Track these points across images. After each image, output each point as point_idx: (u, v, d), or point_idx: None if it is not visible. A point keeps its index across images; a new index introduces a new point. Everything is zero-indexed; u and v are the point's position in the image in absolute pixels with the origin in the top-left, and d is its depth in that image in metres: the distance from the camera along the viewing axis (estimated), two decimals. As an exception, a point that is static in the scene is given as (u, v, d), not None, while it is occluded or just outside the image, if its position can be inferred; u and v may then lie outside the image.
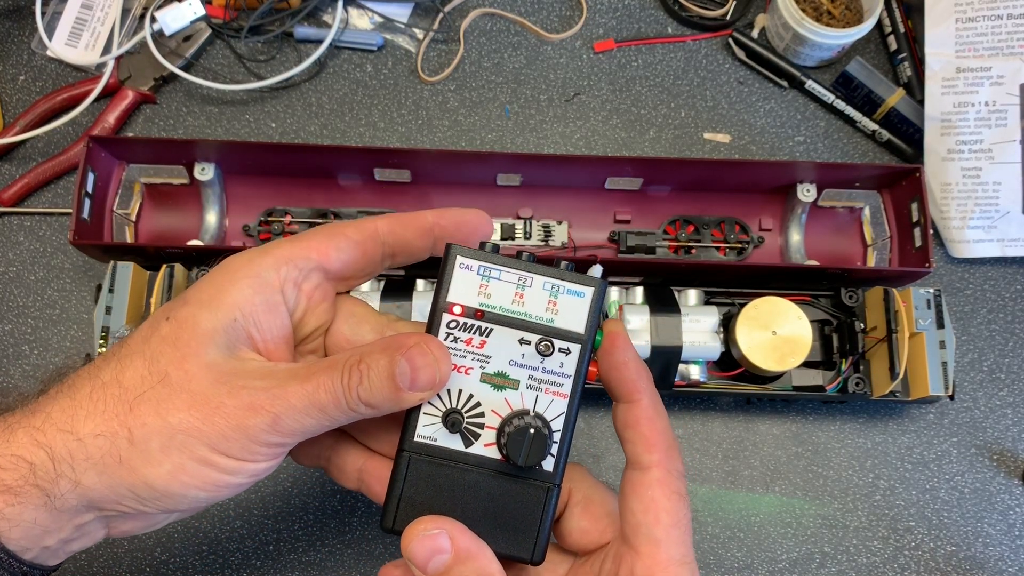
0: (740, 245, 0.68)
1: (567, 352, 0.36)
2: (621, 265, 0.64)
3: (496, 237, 0.68)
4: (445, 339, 0.36)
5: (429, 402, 0.36)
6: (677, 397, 0.67)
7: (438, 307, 0.36)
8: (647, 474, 0.35)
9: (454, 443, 0.36)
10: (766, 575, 0.64)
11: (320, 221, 0.67)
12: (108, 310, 0.59)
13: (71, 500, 0.34)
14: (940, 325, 0.61)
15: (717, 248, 0.68)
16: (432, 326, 0.36)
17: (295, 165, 0.67)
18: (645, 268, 0.65)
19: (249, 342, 0.36)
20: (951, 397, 0.61)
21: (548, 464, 0.36)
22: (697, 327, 0.59)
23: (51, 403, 0.35)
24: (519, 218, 0.69)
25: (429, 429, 0.36)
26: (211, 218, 0.67)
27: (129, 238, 0.66)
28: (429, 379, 0.34)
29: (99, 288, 0.60)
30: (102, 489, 0.34)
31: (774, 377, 0.63)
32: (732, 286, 0.64)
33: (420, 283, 0.61)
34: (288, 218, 0.67)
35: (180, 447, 0.33)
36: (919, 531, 0.65)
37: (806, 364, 0.62)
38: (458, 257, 0.36)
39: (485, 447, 0.36)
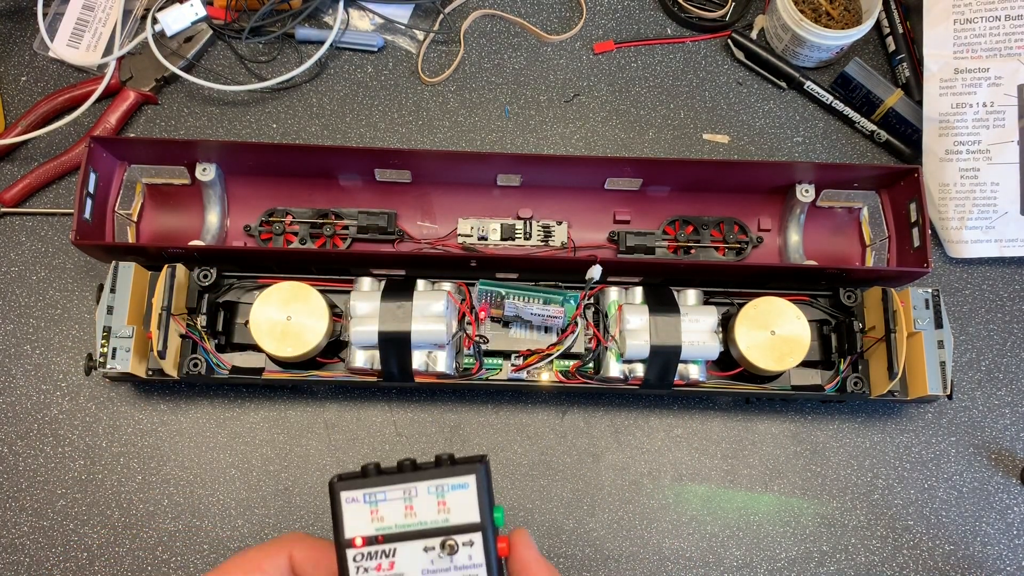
0: (739, 245, 0.69)
1: (471, 544, 0.38)
2: (621, 265, 0.64)
3: (496, 237, 0.68)
4: (355, 572, 0.37)
5: None
6: (676, 397, 0.67)
7: (340, 546, 0.37)
8: None
9: None
10: (765, 574, 0.64)
11: (321, 222, 0.67)
12: (110, 310, 0.59)
13: None
14: (938, 325, 0.62)
15: (716, 248, 0.69)
16: (341, 564, 0.37)
17: (296, 166, 0.67)
18: (644, 268, 0.65)
19: None
20: (949, 397, 0.61)
21: None
22: (696, 327, 0.60)
23: None
24: (519, 218, 0.69)
25: None
26: (212, 218, 0.67)
27: (131, 238, 0.66)
28: None
29: (101, 288, 0.60)
30: None
31: (773, 377, 0.63)
32: (731, 286, 0.65)
33: (420, 283, 0.61)
34: (289, 218, 0.68)
35: None
36: (917, 530, 0.65)
37: (805, 364, 0.62)
38: (342, 493, 0.37)
39: None
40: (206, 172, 0.66)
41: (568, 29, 0.75)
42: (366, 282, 0.62)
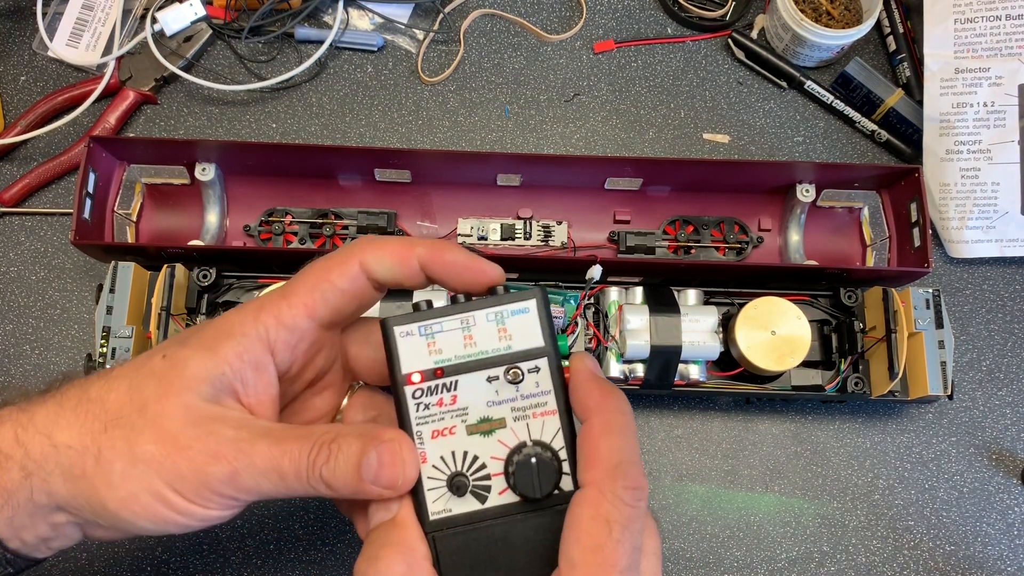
0: (739, 245, 0.69)
1: (537, 370, 0.35)
2: (621, 265, 0.64)
3: (496, 237, 0.68)
4: (416, 410, 0.35)
5: (429, 476, 0.35)
6: (677, 397, 0.67)
7: (397, 382, 0.35)
8: (581, 492, 0.33)
9: (470, 505, 0.35)
10: (765, 574, 0.64)
11: (320, 222, 0.67)
12: (109, 310, 0.59)
13: (42, 498, 0.35)
14: (939, 325, 0.61)
15: (716, 248, 0.69)
16: (399, 403, 0.35)
17: (296, 165, 0.67)
18: (645, 268, 0.65)
19: (234, 395, 0.36)
20: (950, 397, 0.61)
21: (567, 483, 0.35)
22: (696, 327, 0.59)
23: (40, 406, 0.36)
24: (519, 218, 0.69)
25: (440, 503, 0.35)
26: (212, 218, 0.67)
27: (130, 238, 0.66)
28: (391, 479, 0.34)
29: (100, 288, 0.60)
30: (66, 495, 0.35)
31: (773, 377, 0.63)
32: (731, 286, 0.64)
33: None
34: (289, 218, 0.68)
35: (138, 477, 0.34)
36: (918, 530, 0.65)
37: (805, 364, 0.62)
38: (395, 328, 0.35)
39: (500, 495, 0.35)
40: (205, 172, 0.66)
41: (568, 29, 0.75)
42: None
